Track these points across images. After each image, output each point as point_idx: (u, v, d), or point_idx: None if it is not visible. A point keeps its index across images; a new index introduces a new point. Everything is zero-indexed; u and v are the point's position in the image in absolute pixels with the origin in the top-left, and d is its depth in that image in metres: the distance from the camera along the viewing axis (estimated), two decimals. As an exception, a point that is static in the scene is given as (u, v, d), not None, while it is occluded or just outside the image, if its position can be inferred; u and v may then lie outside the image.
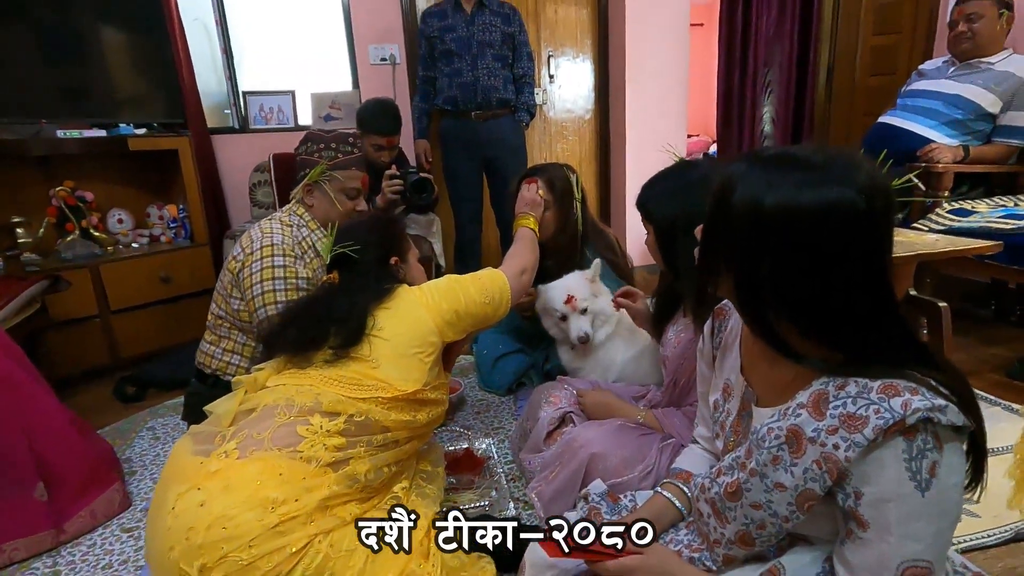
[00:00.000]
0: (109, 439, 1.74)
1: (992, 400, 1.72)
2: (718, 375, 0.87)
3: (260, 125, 3.06)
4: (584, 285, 1.50)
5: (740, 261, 0.66)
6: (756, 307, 0.67)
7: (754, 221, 0.62)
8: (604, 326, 1.52)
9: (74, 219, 2.33)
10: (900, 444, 0.57)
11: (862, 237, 0.60)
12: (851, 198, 0.59)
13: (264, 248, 1.46)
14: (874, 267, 0.62)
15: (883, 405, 0.58)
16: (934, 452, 0.57)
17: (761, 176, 0.63)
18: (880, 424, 0.57)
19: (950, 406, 0.57)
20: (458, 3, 2.56)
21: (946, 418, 0.57)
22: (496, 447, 1.58)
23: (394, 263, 1.22)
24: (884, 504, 0.58)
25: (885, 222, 0.62)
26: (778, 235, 0.61)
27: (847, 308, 0.62)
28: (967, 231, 1.94)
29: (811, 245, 0.60)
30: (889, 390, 0.59)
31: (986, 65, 2.23)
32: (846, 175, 0.60)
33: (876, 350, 0.63)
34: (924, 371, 0.61)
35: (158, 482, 0.90)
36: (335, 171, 1.56)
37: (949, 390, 0.59)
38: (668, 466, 1.08)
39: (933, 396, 0.57)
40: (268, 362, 1.04)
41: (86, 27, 2.33)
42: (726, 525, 0.74)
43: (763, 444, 0.67)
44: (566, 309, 1.49)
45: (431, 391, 1.06)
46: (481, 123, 2.63)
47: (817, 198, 0.59)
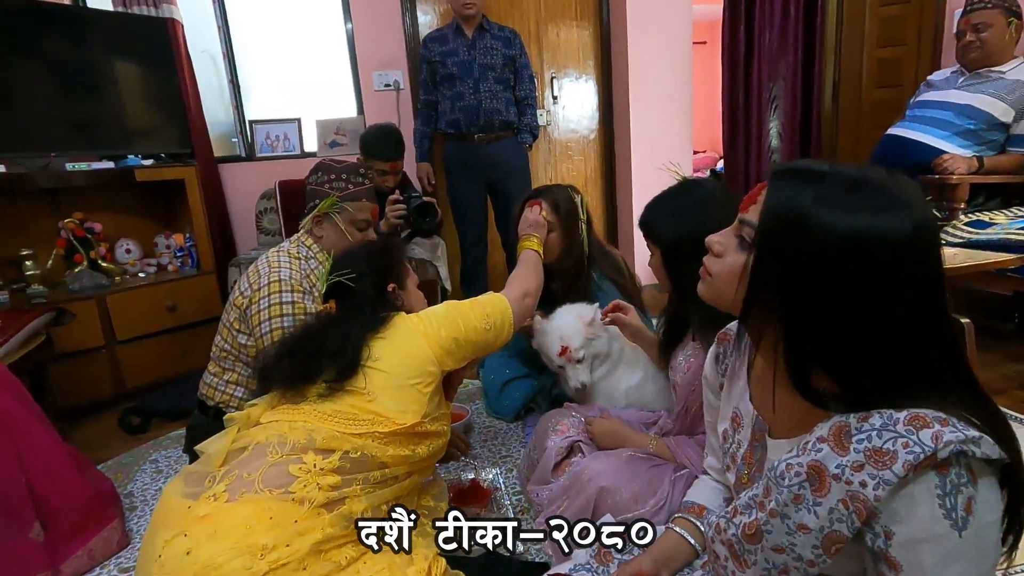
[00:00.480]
0: (111, 473, 1.71)
1: (1021, 419, 1.64)
2: (726, 404, 0.82)
3: (267, 153, 3.09)
4: (579, 331, 1.44)
5: (804, 290, 0.60)
6: (805, 341, 0.61)
7: (838, 248, 0.57)
8: (604, 364, 1.49)
9: (82, 250, 2.34)
10: (933, 479, 0.53)
11: (935, 264, 0.59)
12: (931, 222, 0.57)
13: (272, 284, 1.43)
14: (938, 299, 0.59)
15: (912, 438, 0.53)
16: (969, 487, 0.53)
17: (838, 198, 0.58)
18: (910, 459, 0.53)
19: (984, 438, 0.53)
20: (459, 28, 2.58)
21: (980, 451, 0.52)
22: (503, 477, 1.53)
23: (392, 290, 1.19)
24: (918, 545, 0.54)
25: (941, 252, 0.60)
26: (862, 262, 0.57)
27: (907, 345, 0.58)
28: (986, 243, 1.88)
29: (892, 273, 0.57)
30: (917, 421, 0.54)
31: (997, 74, 2.19)
32: (919, 199, 0.58)
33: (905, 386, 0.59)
34: (956, 397, 0.57)
35: (147, 528, 0.86)
36: (346, 202, 1.55)
37: (980, 418, 0.55)
38: (681, 499, 1.03)
39: (965, 427, 0.53)
40: (262, 397, 1.01)
41: (96, 61, 2.38)
42: (745, 570, 0.68)
43: (782, 482, 0.63)
44: (561, 361, 1.45)
45: (431, 423, 1.02)
46: (484, 146, 2.63)
47: (905, 223, 0.56)
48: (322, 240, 1.56)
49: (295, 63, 3.11)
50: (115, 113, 2.45)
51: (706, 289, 0.73)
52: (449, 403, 1.15)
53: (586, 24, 3.40)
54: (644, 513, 1.04)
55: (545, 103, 3.40)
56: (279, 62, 3.09)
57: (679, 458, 1.12)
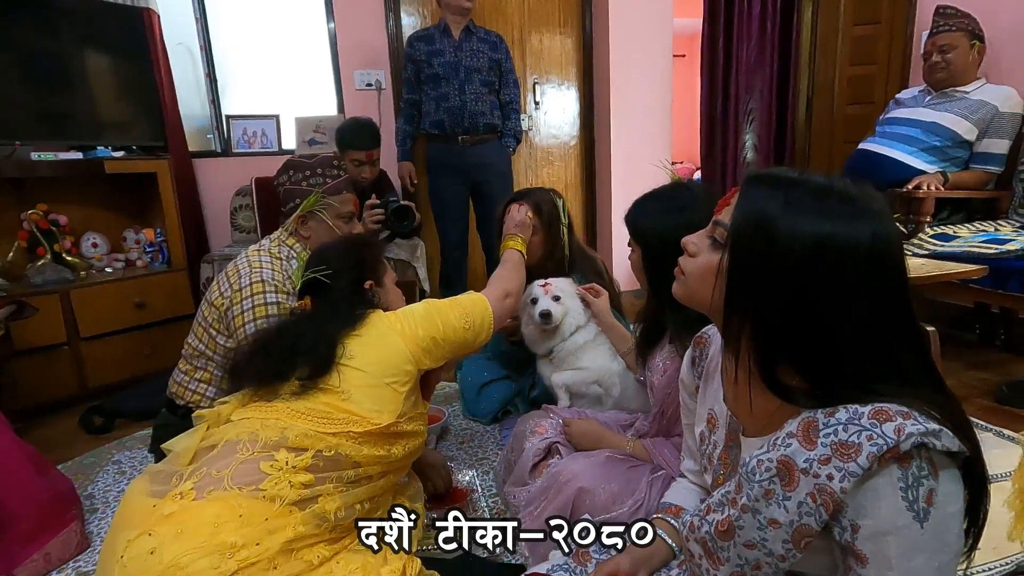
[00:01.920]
0: (72, 474, 1.65)
1: (983, 426, 1.70)
2: (701, 405, 0.83)
3: (243, 149, 3.04)
4: (569, 285, 1.55)
5: (776, 295, 0.61)
6: (778, 343, 0.63)
7: (807, 254, 0.59)
8: (580, 332, 1.53)
9: (46, 243, 2.26)
10: (895, 472, 0.55)
11: (900, 270, 0.61)
12: (894, 232, 0.60)
13: (254, 284, 1.39)
14: (903, 300, 0.61)
15: (875, 431, 0.55)
16: (930, 479, 0.55)
17: (807, 205, 0.61)
18: (874, 451, 0.54)
19: (944, 431, 0.55)
20: (446, 28, 2.58)
21: (941, 443, 0.54)
22: (480, 479, 1.52)
23: (369, 287, 1.16)
24: (883, 537, 0.55)
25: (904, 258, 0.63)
26: (829, 267, 0.59)
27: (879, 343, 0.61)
28: (950, 255, 1.95)
29: (858, 278, 0.59)
30: (880, 415, 0.56)
31: (961, 94, 2.28)
32: (885, 209, 0.61)
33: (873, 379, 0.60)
34: (919, 393, 0.59)
35: (109, 528, 0.83)
36: (328, 197, 1.52)
37: (942, 413, 0.57)
38: (659, 499, 1.03)
39: (926, 420, 0.55)
40: (233, 395, 0.98)
41: (68, 51, 2.31)
42: (719, 567, 0.69)
43: (753, 477, 0.64)
44: (540, 292, 1.52)
45: (407, 422, 1.00)
46: (469, 147, 2.63)
47: (869, 230, 0.59)
48: (310, 239, 1.52)
49: (275, 59, 3.06)
50: (86, 103, 2.38)
51: (680, 288, 0.74)
52: (427, 403, 1.14)
53: (569, 32, 3.43)
54: (622, 514, 1.04)
55: (527, 108, 3.42)
56: (258, 57, 3.04)
57: (656, 459, 1.13)
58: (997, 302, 2.10)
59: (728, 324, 0.67)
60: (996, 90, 2.25)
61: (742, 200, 0.65)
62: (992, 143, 2.24)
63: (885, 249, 0.59)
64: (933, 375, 0.63)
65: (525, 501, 1.19)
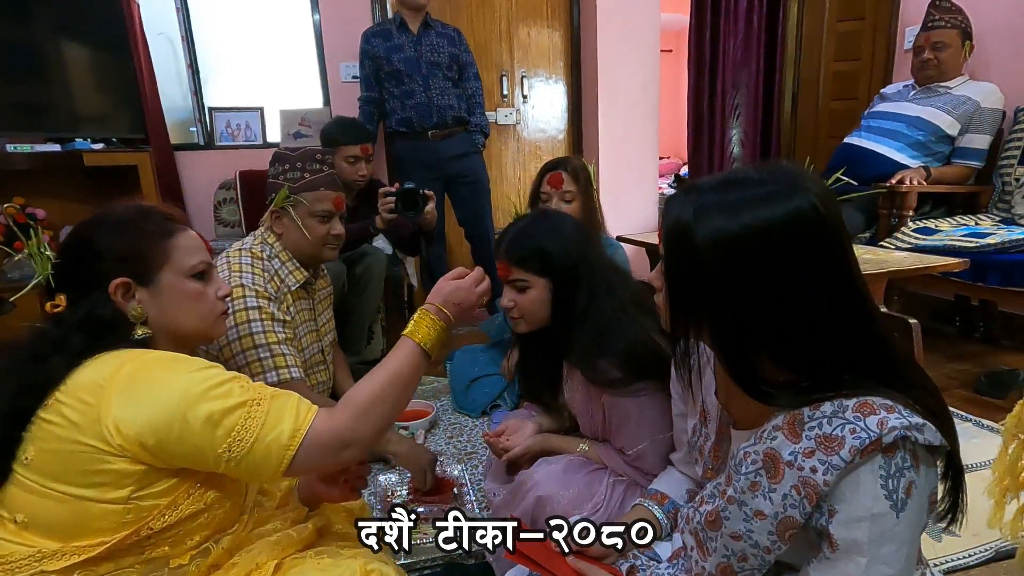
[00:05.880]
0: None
1: (963, 416, 1.73)
2: (695, 398, 0.84)
3: (227, 142, 2.99)
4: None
5: (716, 299, 0.62)
6: (737, 343, 0.63)
7: (726, 252, 0.60)
8: None
9: (23, 237, 2.20)
10: (878, 460, 0.55)
11: (829, 242, 0.60)
12: (811, 202, 0.59)
13: (234, 289, 1.33)
14: (844, 273, 0.61)
15: (859, 424, 0.56)
16: (911, 471, 0.55)
17: (715, 205, 0.61)
18: (856, 445, 0.55)
19: (927, 425, 0.56)
20: (403, 23, 2.51)
21: (923, 437, 0.55)
22: (468, 473, 1.52)
23: (119, 290, 0.76)
24: (856, 524, 0.56)
25: (842, 225, 0.62)
26: (752, 258, 0.59)
27: (830, 323, 0.60)
28: (932, 249, 1.98)
29: (785, 260, 0.59)
30: (864, 408, 0.57)
31: (944, 89, 2.31)
32: (795, 183, 0.60)
33: (853, 367, 0.61)
34: (902, 387, 0.59)
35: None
36: (300, 194, 1.42)
37: (924, 407, 0.57)
38: (621, 500, 1.04)
39: (909, 414, 0.56)
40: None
41: (45, 40, 2.25)
42: (707, 558, 0.69)
43: (740, 469, 0.65)
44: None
45: (192, 502, 0.69)
46: (439, 142, 2.59)
47: (780, 211, 0.59)
48: (283, 237, 1.46)
49: (259, 51, 3.00)
50: (63, 94, 2.32)
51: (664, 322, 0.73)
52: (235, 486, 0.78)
53: (557, 26, 3.42)
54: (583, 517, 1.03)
55: (515, 102, 3.40)
56: (242, 49, 2.98)
57: (605, 461, 1.11)
58: (977, 295, 2.15)
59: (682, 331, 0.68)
60: (978, 86, 2.29)
61: (663, 220, 0.66)
62: (974, 138, 2.27)
63: (802, 223, 0.59)
64: (913, 367, 0.63)
65: (497, 505, 1.18)
